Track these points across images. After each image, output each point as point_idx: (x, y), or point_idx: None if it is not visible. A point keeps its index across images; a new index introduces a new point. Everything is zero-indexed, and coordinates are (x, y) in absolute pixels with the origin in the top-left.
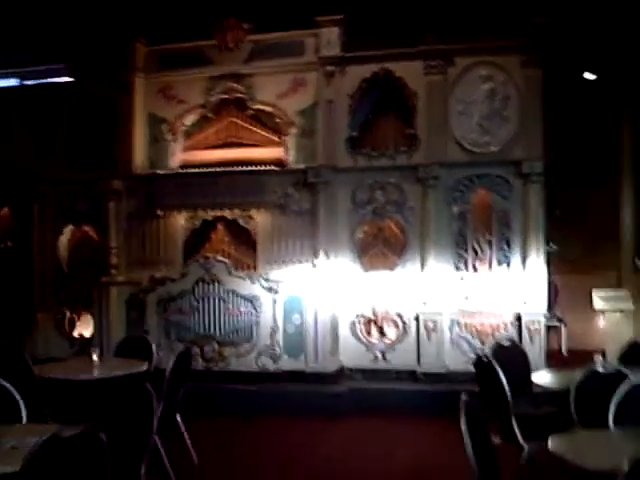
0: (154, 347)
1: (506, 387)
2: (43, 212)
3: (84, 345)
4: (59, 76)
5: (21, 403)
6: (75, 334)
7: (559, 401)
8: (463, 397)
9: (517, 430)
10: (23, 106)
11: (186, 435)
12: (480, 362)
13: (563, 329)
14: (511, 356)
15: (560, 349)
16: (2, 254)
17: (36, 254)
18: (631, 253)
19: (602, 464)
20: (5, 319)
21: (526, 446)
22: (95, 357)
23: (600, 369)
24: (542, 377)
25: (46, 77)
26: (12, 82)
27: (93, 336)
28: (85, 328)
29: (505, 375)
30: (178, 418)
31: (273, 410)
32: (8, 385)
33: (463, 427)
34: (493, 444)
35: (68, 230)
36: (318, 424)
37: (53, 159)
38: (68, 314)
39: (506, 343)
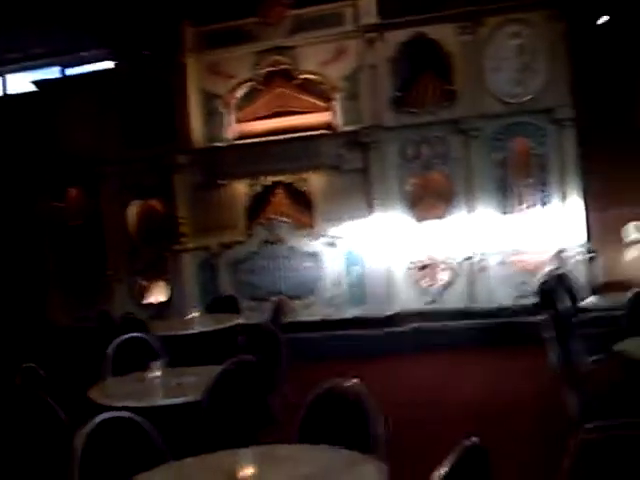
0: (241, 304)
1: (565, 307)
2: (110, 190)
3: (160, 309)
4: (103, 61)
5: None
6: (150, 300)
7: (609, 322)
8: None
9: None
10: (82, 93)
11: None
12: (544, 286)
13: (599, 262)
14: (564, 284)
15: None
16: (75, 231)
17: (107, 229)
18: None
19: None
20: (83, 291)
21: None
22: (194, 315)
23: None
24: (595, 300)
25: (89, 63)
26: (54, 70)
27: (170, 300)
28: (159, 294)
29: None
30: None
31: (341, 354)
32: (147, 337)
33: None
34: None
35: (135, 205)
36: (390, 362)
37: (115, 140)
38: (142, 282)
39: (559, 272)
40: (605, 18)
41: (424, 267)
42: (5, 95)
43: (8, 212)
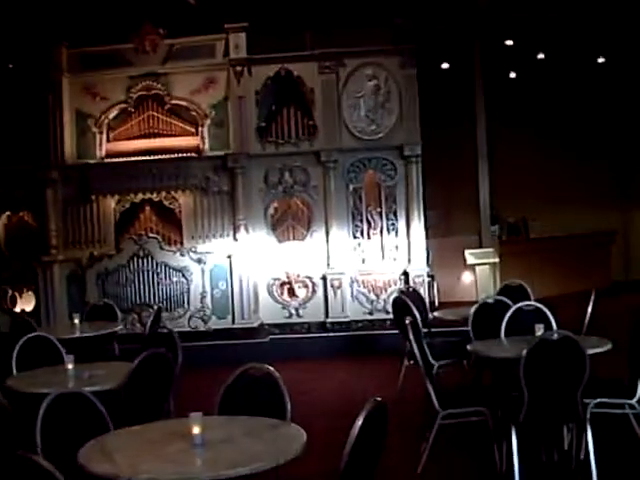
0: (118, 312)
1: (418, 318)
2: None
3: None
4: None
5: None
6: (17, 309)
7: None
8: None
9: (428, 351)
10: None
11: None
12: (397, 301)
13: (435, 284)
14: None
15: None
16: None
17: None
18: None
19: (506, 354)
20: None
21: (436, 364)
22: (77, 321)
23: (489, 300)
24: (441, 313)
25: None
26: None
27: (37, 309)
28: (26, 303)
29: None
30: None
31: (208, 362)
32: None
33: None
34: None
35: (5, 216)
36: None
37: None
38: (9, 292)
39: (407, 290)
40: (446, 65)
41: (284, 284)
42: None
43: None
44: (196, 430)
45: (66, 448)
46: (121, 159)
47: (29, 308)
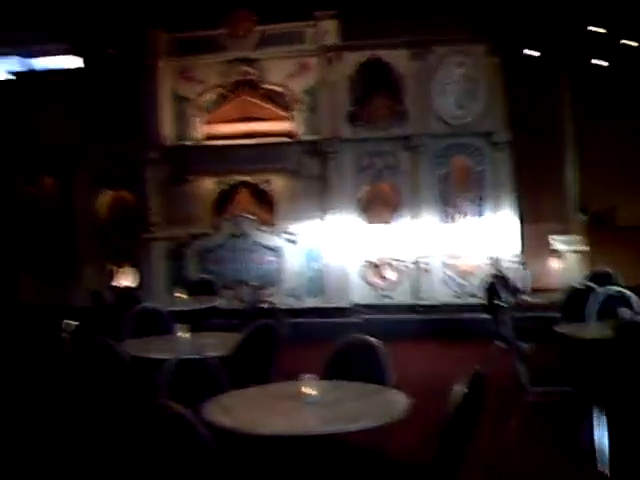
0: (217, 287)
1: (509, 301)
2: (82, 179)
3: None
4: (64, 55)
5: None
6: (117, 284)
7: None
8: None
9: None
10: (56, 87)
11: None
12: (488, 285)
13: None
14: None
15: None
16: (46, 217)
17: (78, 216)
18: (575, 207)
19: (594, 335)
20: (53, 273)
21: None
22: (182, 295)
23: (578, 286)
24: (530, 297)
25: (49, 55)
26: (14, 61)
27: (139, 284)
28: (126, 278)
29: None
30: None
31: (301, 338)
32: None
33: None
34: None
35: (106, 194)
36: None
37: (88, 132)
38: (110, 267)
39: (497, 274)
40: (534, 53)
41: (374, 266)
42: None
43: None
44: (309, 390)
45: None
46: (217, 141)
47: (130, 283)
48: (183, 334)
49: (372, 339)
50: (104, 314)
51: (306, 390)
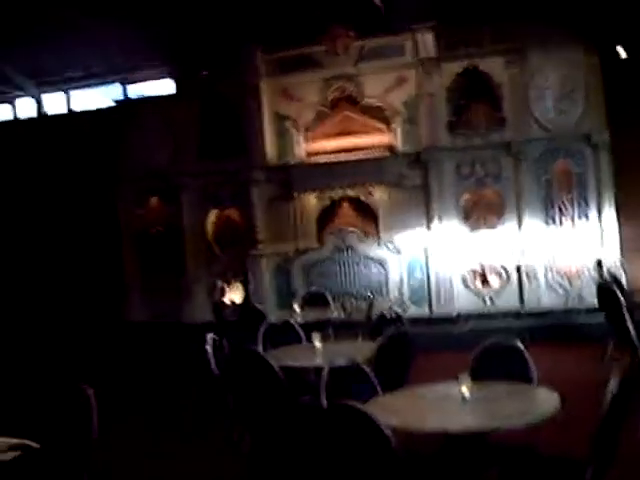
0: (330, 299)
1: (624, 304)
2: (189, 199)
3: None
4: (161, 78)
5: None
6: (225, 300)
7: None
8: None
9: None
10: (157, 111)
11: None
12: (601, 287)
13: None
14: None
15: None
16: (155, 237)
17: (186, 235)
18: None
19: None
20: (162, 292)
21: None
22: (297, 308)
23: None
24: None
25: (148, 80)
26: (115, 86)
27: (246, 300)
28: (235, 294)
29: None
30: None
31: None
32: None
33: None
34: None
35: (213, 213)
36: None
37: (192, 154)
38: (219, 284)
39: (608, 276)
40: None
41: (478, 273)
42: (84, 111)
43: (91, 219)
44: (465, 390)
45: None
46: (319, 158)
47: (238, 299)
48: (319, 343)
49: (514, 341)
50: (225, 328)
51: (462, 389)
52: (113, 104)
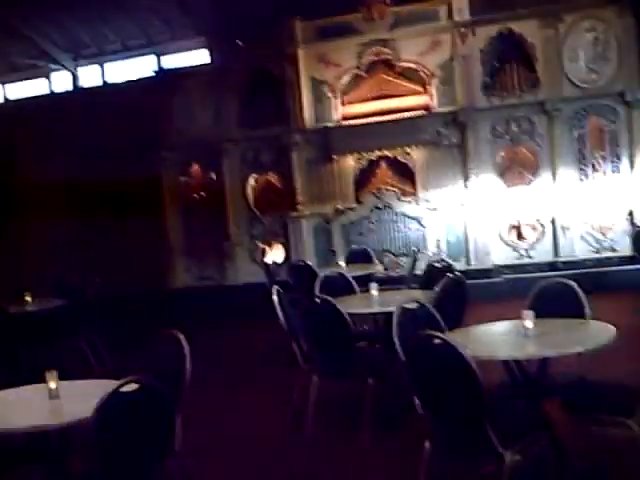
0: (374, 256)
1: None
2: (230, 165)
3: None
4: (197, 49)
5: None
6: (267, 261)
7: None
8: None
9: None
10: (199, 80)
11: None
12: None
13: None
14: None
15: None
16: (198, 203)
17: (228, 200)
18: None
19: None
20: (207, 255)
21: None
22: (342, 263)
23: None
24: None
25: (183, 52)
26: (150, 59)
27: (287, 260)
28: (276, 255)
29: None
30: None
31: None
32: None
33: None
34: None
35: (253, 178)
36: (494, 307)
37: (233, 121)
38: (260, 245)
39: None
40: None
41: (514, 227)
42: (129, 81)
43: (137, 186)
44: (528, 324)
45: None
46: (356, 121)
47: (279, 259)
48: (375, 292)
49: (566, 280)
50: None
51: (526, 324)
52: (151, 75)
